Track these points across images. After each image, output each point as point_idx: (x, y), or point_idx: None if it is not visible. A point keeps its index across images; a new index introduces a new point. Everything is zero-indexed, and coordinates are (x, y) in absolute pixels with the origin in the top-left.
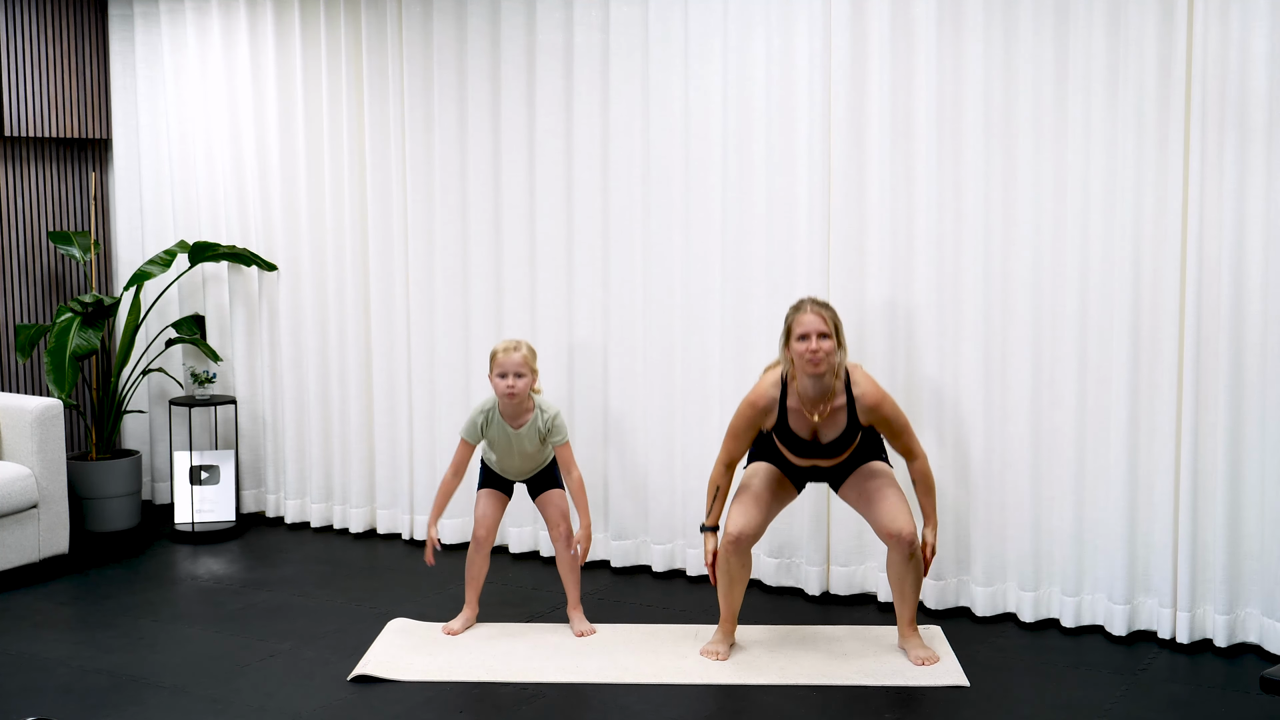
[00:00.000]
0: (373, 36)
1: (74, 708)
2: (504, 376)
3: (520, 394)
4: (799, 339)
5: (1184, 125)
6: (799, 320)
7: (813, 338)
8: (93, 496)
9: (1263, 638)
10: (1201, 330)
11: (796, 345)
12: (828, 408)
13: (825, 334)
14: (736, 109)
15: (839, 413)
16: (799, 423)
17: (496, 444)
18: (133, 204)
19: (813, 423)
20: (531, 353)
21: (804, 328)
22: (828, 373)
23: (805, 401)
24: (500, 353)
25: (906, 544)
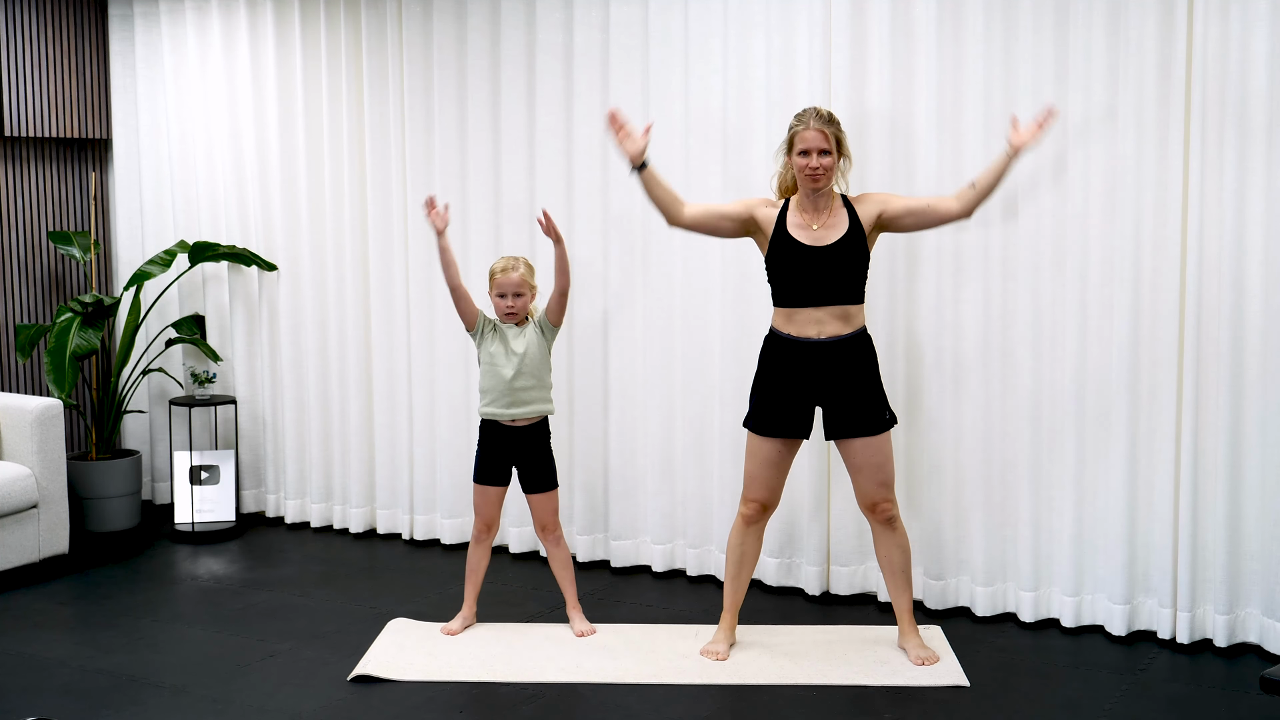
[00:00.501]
0: (373, 36)
1: (74, 708)
2: (503, 296)
3: (520, 312)
4: (800, 154)
5: (1184, 125)
6: (801, 135)
7: (813, 155)
8: (93, 496)
9: (1263, 638)
10: (1201, 330)
11: (797, 159)
12: (827, 216)
13: (825, 150)
14: (736, 109)
15: (839, 217)
16: (798, 228)
17: (496, 358)
18: (133, 204)
19: (811, 232)
20: (529, 269)
21: (805, 144)
22: (827, 186)
23: (804, 211)
24: (498, 272)
25: (884, 516)
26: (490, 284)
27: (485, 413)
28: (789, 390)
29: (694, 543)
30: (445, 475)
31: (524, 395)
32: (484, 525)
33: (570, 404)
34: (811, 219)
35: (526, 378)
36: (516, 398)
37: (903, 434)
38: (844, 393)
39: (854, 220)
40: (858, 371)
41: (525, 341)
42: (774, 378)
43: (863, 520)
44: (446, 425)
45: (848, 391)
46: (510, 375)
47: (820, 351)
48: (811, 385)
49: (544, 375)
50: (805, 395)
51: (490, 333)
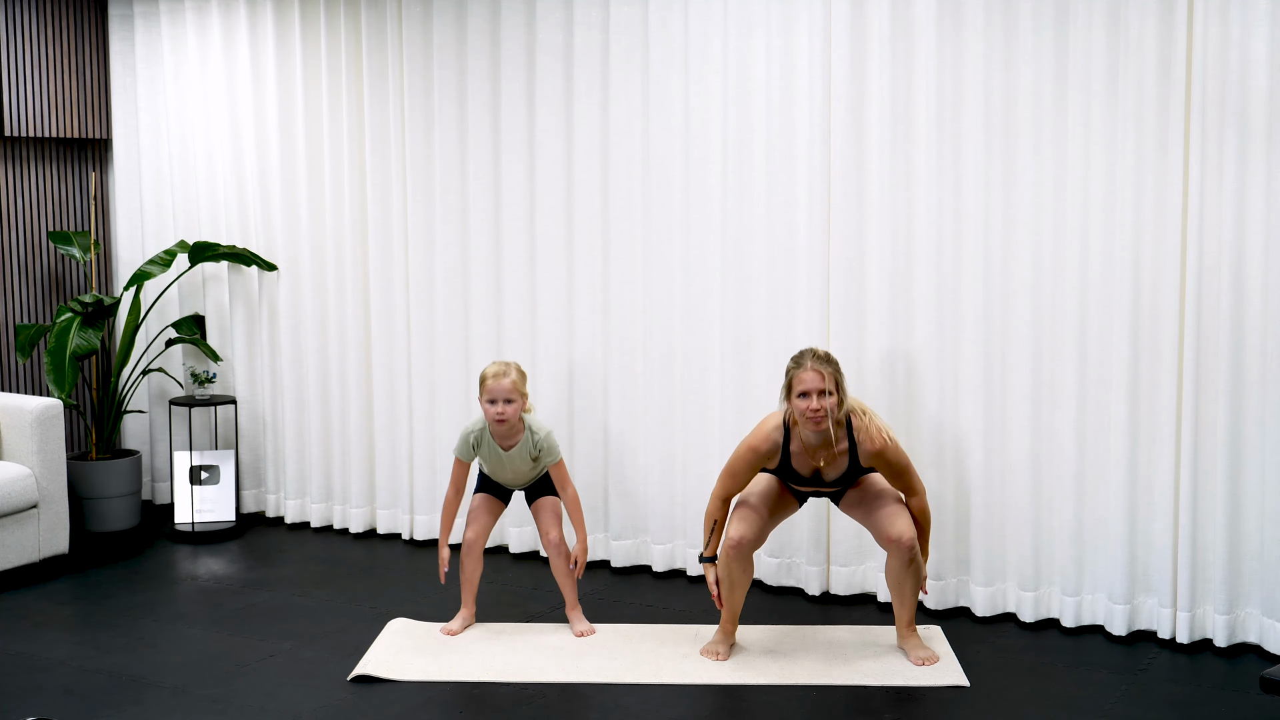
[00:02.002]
0: (373, 36)
1: (74, 708)
2: (494, 403)
3: (510, 419)
4: (800, 396)
5: (1184, 125)
6: (800, 378)
7: (814, 396)
8: (93, 496)
9: (1263, 638)
10: (1201, 330)
11: (798, 402)
12: (831, 454)
13: (826, 391)
14: (736, 109)
15: (841, 457)
16: (802, 464)
17: (489, 461)
18: (133, 204)
19: (815, 464)
20: (521, 376)
21: (805, 385)
22: (829, 428)
23: (808, 449)
24: (489, 378)
25: (906, 549)
26: (481, 389)
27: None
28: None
29: (694, 543)
30: (445, 475)
31: (520, 481)
32: (475, 533)
33: (570, 404)
34: (815, 457)
35: (522, 476)
36: (516, 484)
37: (903, 434)
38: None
39: (854, 461)
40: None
41: (517, 460)
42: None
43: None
44: (446, 425)
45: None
46: (506, 475)
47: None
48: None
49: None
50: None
51: (478, 446)
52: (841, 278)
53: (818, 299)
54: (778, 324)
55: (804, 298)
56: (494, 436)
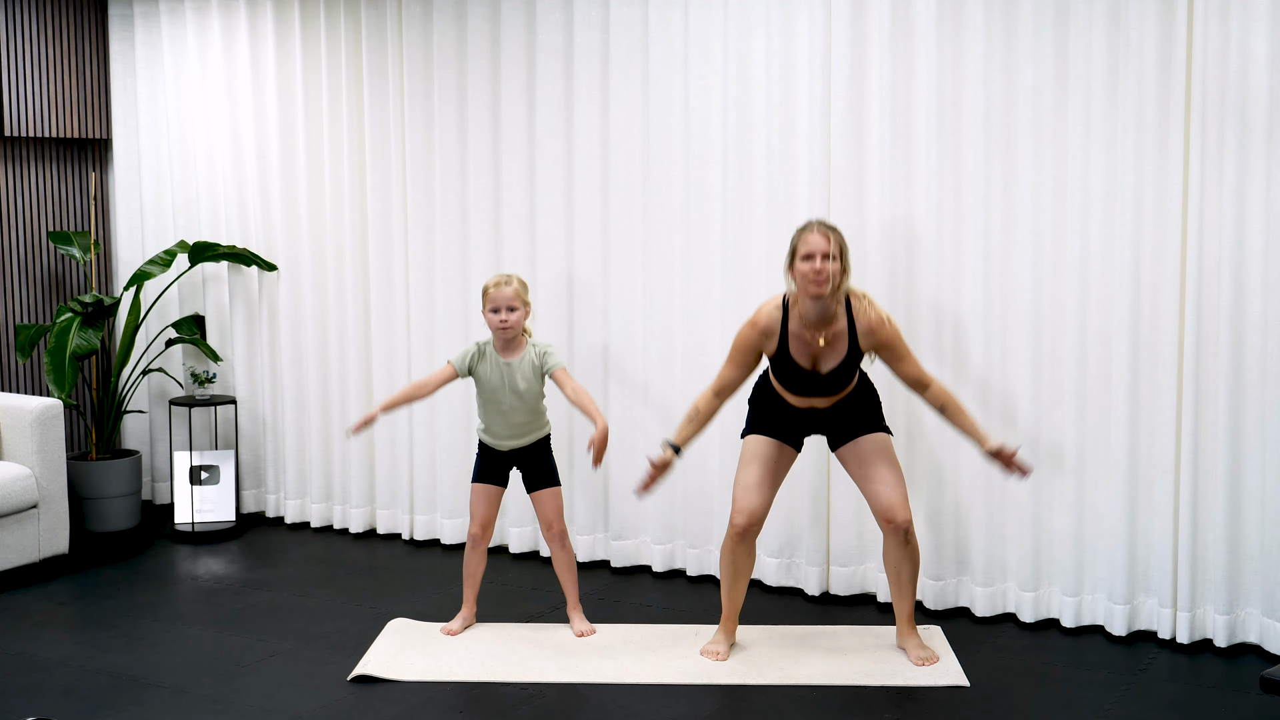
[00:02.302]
0: (373, 36)
1: (74, 708)
2: (496, 311)
3: (514, 327)
4: (803, 259)
5: (1184, 125)
6: (804, 240)
7: (817, 258)
8: (93, 496)
9: (1263, 638)
10: (1201, 330)
11: (800, 265)
12: (829, 331)
13: (829, 255)
14: (736, 109)
15: (840, 339)
16: (799, 349)
17: (487, 385)
18: (133, 204)
19: (814, 348)
20: (523, 285)
21: (809, 248)
22: (830, 294)
23: (807, 325)
24: (492, 287)
25: (901, 530)
26: (484, 300)
27: (483, 437)
28: (786, 423)
29: (694, 543)
30: (445, 475)
31: (520, 429)
32: (479, 527)
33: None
34: (814, 334)
35: (522, 413)
36: (514, 431)
37: (903, 434)
38: (843, 419)
39: (853, 344)
40: (857, 404)
41: (519, 376)
42: (771, 412)
43: (863, 520)
44: (446, 425)
45: (847, 417)
46: (505, 408)
47: (820, 413)
48: (810, 424)
49: (539, 405)
50: (804, 428)
51: (479, 361)
52: None
53: None
54: None
55: None
56: (497, 349)
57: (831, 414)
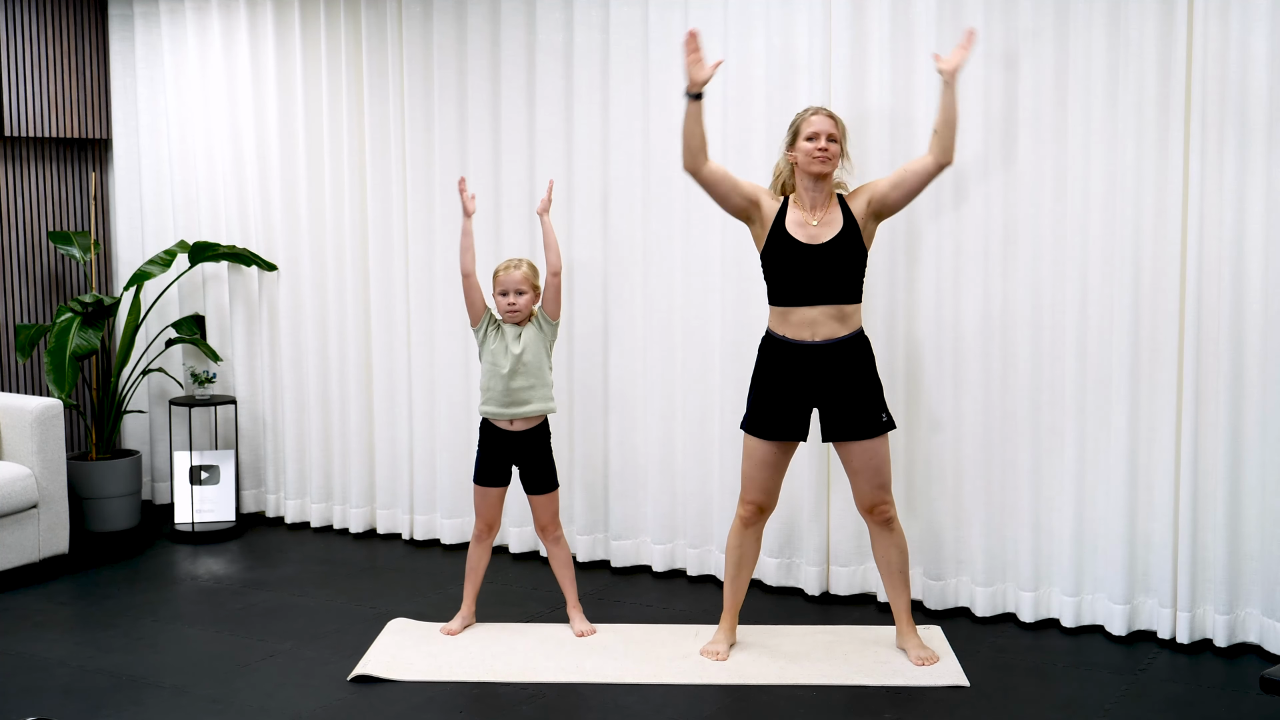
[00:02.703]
0: (373, 36)
1: (74, 708)
2: (505, 294)
3: (522, 311)
4: (807, 139)
5: (1184, 125)
6: (809, 121)
7: (821, 137)
8: (93, 496)
9: (1263, 638)
10: (1201, 330)
11: (804, 144)
12: (824, 212)
13: (834, 137)
14: (736, 109)
15: (834, 214)
16: (795, 226)
17: (495, 355)
18: (133, 204)
19: (809, 229)
20: (533, 269)
21: (814, 128)
22: (830, 174)
23: (802, 208)
24: (501, 271)
25: (881, 519)
26: (494, 283)
27: (484, 411)
28: (785, 393)
29: (694, 543)
30: (445, 475)
31: (522, 395)
32: (485, 526)
33: (570, 404)
34: (809, 215)
35: (525, 377)
36: (515, 397)
37: (903, 434)
38: (841, 396)
39: (849, 217)
40: (854, 374)
41: (524, 341)
42: (770, 381)
43: (862, 521)
44: (446, 425)
45: (844, 394)
46: (507, 372)
47: (816, 354)
48: (808, 388)
49: (543, 374)
50: (802, 398)
51: (492, 331)
52: None
53: None
54: None
55: None
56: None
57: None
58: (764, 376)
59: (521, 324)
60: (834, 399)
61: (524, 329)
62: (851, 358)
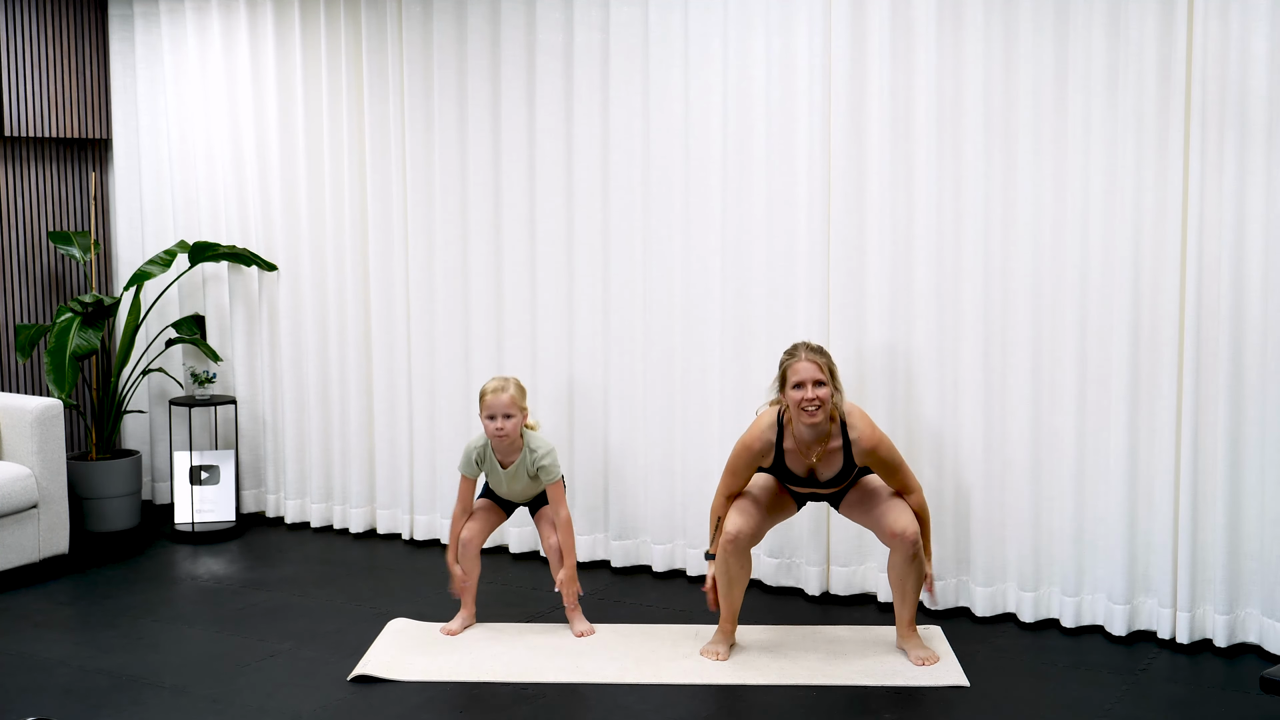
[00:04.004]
0: (373, 36)
1: (74, 708)
2: (493, 418)
3: (509, 435)
4: (794, 387)
5: (1184, 125)
6: (794, 369)
7: (808, 386)
8: (93, 496)
9: (1263, 638)
10: (1201, 330)
11: (792, 394)
12: (824, 449)
13: (820, 381)
14: (736, 109)
15: (835, 454)
16: (796, 463)
17: (490, 477)
18: (133, 204)
19: (809, 462)
20: (520, 391)
21: (799, 376)
22: (824, 420)
23: (801, 445)
24: (488, 394)
25: (909, 543)
26: (480, 405)
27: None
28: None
29: (694, 543)
30: (445, 475)
31: (524, 498)
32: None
33: (571, 405)
34: (808, 451)
35: (523, 495)
36: (520, 498)
37: (903, 435)
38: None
39: (848, 460)
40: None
41: (521, 482)
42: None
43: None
44: (446, 425)
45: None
46: (507, 493)
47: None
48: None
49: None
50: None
51: (481, 462)
52: (841, 277)
53: (817, 299)
54: (778, 324)
55: (804, 297)
56: (495, 452)
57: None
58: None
59: (513, 457)
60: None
61: (519, 471)
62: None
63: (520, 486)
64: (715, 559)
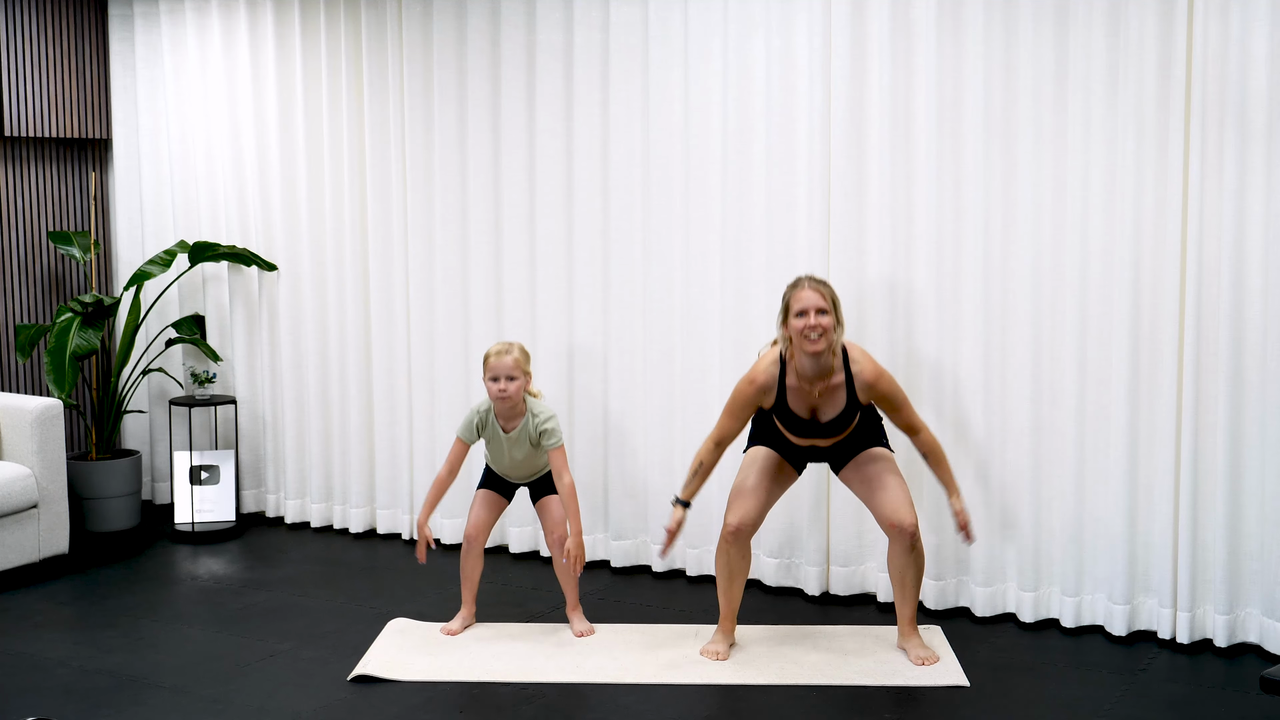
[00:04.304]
0: (373, 37)
1: (74, 708)
2: (496, 380)
3: (513, 397)
4: (797, 315)
5: (1184, 125)
6: (797, 297)
7: (811, 314)
8: (93, 496)
9: (1263, 638)
10: (1201, 330)
11: (794, 322)
12: (826, 385)
13: (823, 310)
14: (736, 109)
15: (838, 390)
16: (798, 401)
17: (491, 445)
18: (133, 204)
19: (812, 400)
20: (524, 355)
21: (802, 304)
22: (826, 350)
23: (804, 379)
24: (492, 356)
25: (908, 535)
26: (484, 368)
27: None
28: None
29: (694, 543)
30: None
31: (527, 471)
32: (474, 529)
33: (570, 404)
34: (811, 386)
35: (528, 466)
36: (521, 473)
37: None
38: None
39: (851, 396)
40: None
41: (517, 445)
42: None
43: (863, 520)
44: (446, 425)
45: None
46: (506, 463)
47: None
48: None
49: (541, 459)
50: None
51: (483, 428)
52: (841, 277)
53: None
54: None
55: None
56: (497, 416)
57: (833, 448)
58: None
59: (515, 422)
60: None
61: (521, 435)
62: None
63: (521, 455)
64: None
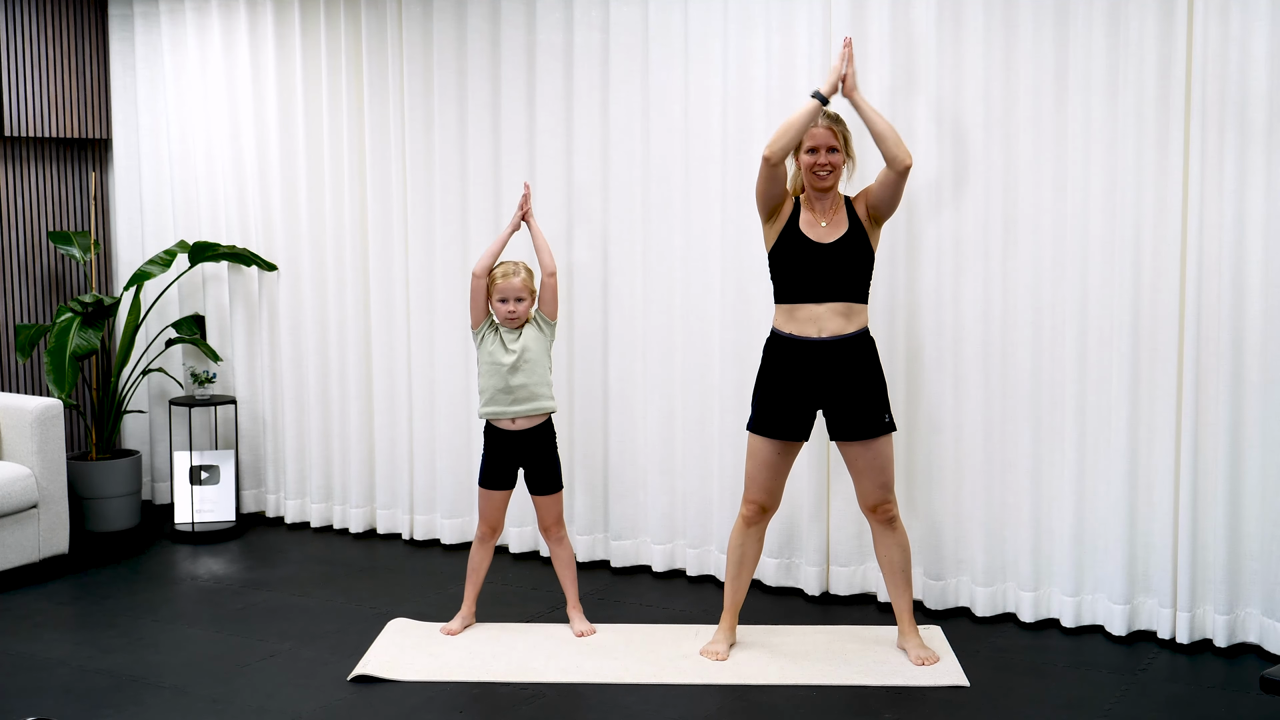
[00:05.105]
0: (373, 37)
1: (74, 708)
2: (505, 300)
3: (521, 317)
4: (808, 151)
5: (1184, 125)
6: (809, 133)
7: (821, 151)
8: (93, 496)
9: (1263, 638)
10: (1201, 330)
11: (805, 157)
12: (833, 214)
13: (834, 148)
14: (736, 109)
15: (841, 216)
16: (808, 225)
17: (494, 354)
18: (133, 204)
19: (818, 227)
20: (530, 274)
21: (814, 141)
22: (834, 188)
23: (812, 209)
24: (499, 277)
25: (883, 518)
26: (491, 288)
27: (485, 413)
28: (791, 392)
29: (694, 543)
30: (445, 475)
31: (523, 392)
32: (488, 528)
33: (570, 404)
34: (818, 217)
35: (525, 374)
36: (516, 395)
37: (903, 434)
38: (846, 394)
39: (854, 219)
40: (860, 372)
41: (523, 339)
42: (775, 379)
43: (863, 521)
44: (446, 425)
45: (850, 393)
46: (508, 367)
47: (822, 351)
48: (813, 387)
49: (543, 372)
50: (807, 397)
51: (491, 333)
52: None
53: None
54: None
55: None
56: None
57: (833, 377)
58: (769, 375)
59: (520, 327)
60: (839, 397)
61: (523, 330)
62: (857, 355)
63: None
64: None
